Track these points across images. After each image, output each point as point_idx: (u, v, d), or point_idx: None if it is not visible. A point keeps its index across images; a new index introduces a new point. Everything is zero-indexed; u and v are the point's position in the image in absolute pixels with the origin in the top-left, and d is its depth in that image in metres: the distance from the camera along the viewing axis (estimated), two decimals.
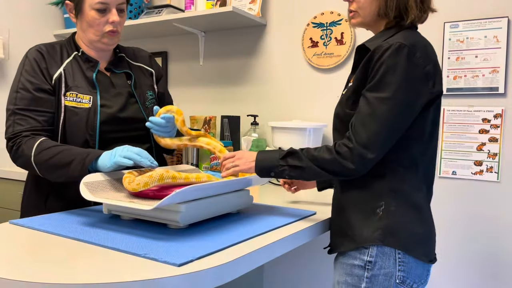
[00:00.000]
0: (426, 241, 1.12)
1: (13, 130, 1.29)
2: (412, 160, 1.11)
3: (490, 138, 1.88)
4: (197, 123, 2.55)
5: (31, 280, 0.74)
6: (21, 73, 1.35)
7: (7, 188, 2.55)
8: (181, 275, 0.79)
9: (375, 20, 1.16)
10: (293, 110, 2.42)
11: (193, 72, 2.81)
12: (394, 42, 1.04)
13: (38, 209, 1.38)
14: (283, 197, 1.66)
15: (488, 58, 1.88)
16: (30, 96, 1.32)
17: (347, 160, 1.06)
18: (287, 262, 1.73)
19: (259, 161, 1.17)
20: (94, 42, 1.41)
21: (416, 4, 1.11)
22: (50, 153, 1.25)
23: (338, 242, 1.19)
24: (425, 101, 1.07)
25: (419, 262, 1.09)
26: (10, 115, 1.32)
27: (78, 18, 1.40)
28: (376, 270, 1.07)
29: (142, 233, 1.03)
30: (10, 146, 1.30)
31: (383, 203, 1.09)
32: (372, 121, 1.04)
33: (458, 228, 1.96)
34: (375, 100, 1.04)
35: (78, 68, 1.39)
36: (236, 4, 2.45)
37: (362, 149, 1.04)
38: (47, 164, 1.25)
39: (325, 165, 1.09)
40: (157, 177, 1.09)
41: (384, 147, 1.06)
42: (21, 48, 2.81)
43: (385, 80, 1.03)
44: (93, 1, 1.34)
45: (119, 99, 1.42)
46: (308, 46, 2.34)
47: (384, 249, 1.07)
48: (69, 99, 1.35)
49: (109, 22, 1.37)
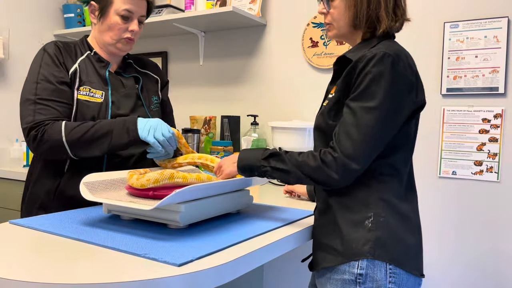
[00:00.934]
0: (417, 253, 1.09)
1: (33, 119, 1.30)
2: (396, 169, 1.09)
3: (490, 138, 1.88)
4: (197, 123, 2.55)
5: (31, 280, 0.74)
6: (40, 65, 1.37)
7: (7, 188, 2.55)
8: (181, 275, 0.79)
9: (350, 31, 1.15)
10: (293, 110, 2.42)
11: (193, 72, 2.81)
12: (378, 52, 1.03)
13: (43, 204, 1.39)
14: (283, 197, 1.66)
15: (488, 58, 1.88)
16: (53, 87, 1.34)
17: (331, 170, 1.03)
18: (287, 262, 1.73)
19: (240, 160, 1.14)
20: (108, 46, 1.45)
21: (387, 14, 1.10)
22: (83, 129, 1.29)
23: (322, 257, 1.12)
24: (410, 111, 1.06)
25: (411, 276, 1.06)
26: (30, 104, 1.32)
27: (100, 20, 1.44)
28: (369, 283, 1.03)
29: (142, 233, 1.03)
30: (33, 135, 1.29)
31: (372, 213, 1.05)
32: (357, 131, 1.02)
33: (458, 228, 1.96)
34: (360, 109, 1.02)
35: (91, 66, 1.44)
36: (236, 4, 2.45)
37: (347, 160, 1.01)
38: (82, 139, 1.29)
39: (309, 172, 1.05)
40: (167, 175, 1.09)
41: (369, 157, 1.04)
42: (21, 48, 2.81)
43: (370, 89, 1.02)
44: (120, 7, 1.40)
45: (128, 99, 1.47)
46: (308, 46, 2.34)
47: (375, 261, 1.03)
48: (82, 93, 1.38)
49: (129, 30, 1.44)
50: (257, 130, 2.40)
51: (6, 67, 2.74)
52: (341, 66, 1.14)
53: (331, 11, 1.16)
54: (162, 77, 1.66)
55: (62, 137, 1.28)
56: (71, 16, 2.95)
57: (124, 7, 1.40)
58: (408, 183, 1.13)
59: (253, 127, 2.40)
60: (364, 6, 1.10)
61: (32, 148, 1.32)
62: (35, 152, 1.33)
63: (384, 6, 1.10)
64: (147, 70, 1.62)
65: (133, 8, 1.42)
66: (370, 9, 1.10)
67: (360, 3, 1.10)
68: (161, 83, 1.64)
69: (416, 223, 1.11)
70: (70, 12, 2.95)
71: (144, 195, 1.12)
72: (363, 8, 1.10)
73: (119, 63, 1.53)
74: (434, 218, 2.01)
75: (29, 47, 2.85)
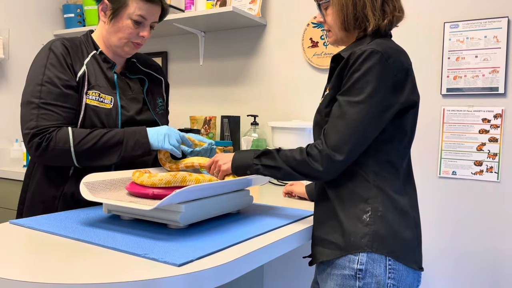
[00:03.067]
0: (415, 247, 1.10)
1: (37, 124, 1.25)
2: (393, 165, 1.11)
3: (490, 138, 1.88)
4: (197, 123, 2.55)
5: (31, 280, 0.74)
6: (45, 66, 1.31)
7: (7, 188, 2.55)
8: (181, 275, 0.79)
9: (345, 35, 1.18)
10: (293, 110, 2.42)
11: (193, 72, 2.81)
12: (367, 48, 1.05)
13: (46, 210, 1.35)
14: (283, 197, 1.66)
15: (488, 58, 1.88)
16: (58, 92, 1.29)
17: (317, 162, 1.06)
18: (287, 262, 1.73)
19: (234, 161, 1.20)
20: (114, 47, 1.42)
21: (374, 13, 1.12)
22: (92, 139, 1.26)
23: (320, 251, 1.14)
24: (398, 107, 1.07)
25: (410, 270, 1.07)
26: (33, 108, 1.27)
27: (111, 21, 1.39)
28: (368, 278, 1.05)
29: (142, 233, 1.03)
30: (37, 142, 1.24)
31: (370, 208, 1.07)
32: (342, 124, 1.05)
33: (458, 228, 1.96)
34: (346, 103, 1.06)
35: (98, 67, 1.39)
36: (236, 4, 2.45)
37: (331, 152, 1.05)
38: (91, 150, 1.26)
39: (295, 166, 1.09)
40: (180, 179, 1.11)
41: (354, 150, 1.06)
42: (21, 48, 2.81)
43: (357, 85, 1.05)
44: (134, 12, 1.36)
45: (135, 103, 1.45)
46: (308, 46, 2.34)
47: (374, 255, 1.05)
48: (91, 97, 1.34)
49: (139, 35, 1.40)
50: (257, 130, 2.40)
51: (6, 67, 2.74)
52: (336, 64, 1.17)
53: (326, 18, 1.20)
54: (165, 78, 1.65)
55: (70, 147, 1.25)
56: (71, 16, 2.95)
57: (138, 13, 1.36)
58: (406, 178, 1.15)
59: (253, 127, 2.40)
60: (350, 8, 1.13)
61: (34, 155, 1.27)
62: (37, 159, 1.28)
63: (370, 5, 1.12)
64: (151, 70, 1.59)
65: (148, 14, 1.38)
66: (357, 10, 1.13)
67: (346, 6, 1.13)
68: (164, 84, 1.63)
69: (414, 218, 1.13)
70: (70, 12, 2.95)
71: (144, 195, 1.12)
72: (349, 10, 1.13)
73: (124, 63, 1.51)
74: (434, 218, 2.01)
75: (29, 47, 2.85)
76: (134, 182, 1.17)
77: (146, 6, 1.37)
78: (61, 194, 1.35)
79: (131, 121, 1.41)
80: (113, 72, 1.42)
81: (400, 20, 1.17)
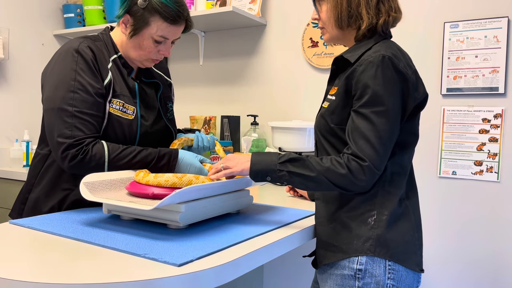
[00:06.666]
0: (416, 250, 1.10)
1: (72, 134, 1.22)
2: (403, 168, 1.11)
3: (490, 138, 1.88)
4: (197, 123, 2.55)
5: (31, 280, 0.74)
6: (75, 71, 1.25)
7: (7, 188, 2.55)
8: (181, 275, 0.79)
9: (340, 32, 1.17)
10: (293, 110, 2.42)
11: (193, 72, 2.81)
12: (377, 55, 1.04)
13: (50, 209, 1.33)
14: (283, 197, 1.66)
15: (488, 58, 1.88)
16: (92, 100, 1.25)
17: (359, 177, 1.02)
18: (287, 262, 1.73)
19: (254, 164, 1.09)
20: (132, 59, 1.38)
21: (368, 11, 1.11)
22: (126, 156, 1.26)
23: (323, 254, 1.14)
24: (412, 107, 1.08)
25: (409, 271, 1.08)
26: (67, 116, 1.22)
27: (131, 37, 1.33)
28: (368, 278, 1.05)
29: (142, 233, 1.03)
30: (73, 154, 1.21)
31: (375, 212, 1.07)
32: (375, 135, 1.03)
33: (458, 228, 1.96)
34: (373, 114, 1.03)
35: (119, 74, 1.36)
36: (236, 4, 2.45)
37: (373, 167, 1.02)
38: (123, 166, 1.26)
39: (336, 179, 1.03)
40: (186, 181, 1.12)
41: (386, 159, 1.06)
42: (21, 48, 2.81)
43: (378, 93, 1.03)
44: (156, 33, 1.31)
45: (151, 112, 1.43)
46: (308, 46, 2.34)
47: (374, 257, 1.05)
48: (114, 106, 1.31)
49: (160, 53, 1.36)
50: (257, 130, 2.40)
51: (6, 67, 2.74)
52: (339, 66, 1.15)
53: (321, 15, 1.19)
54: (171, 81, 1.63)
55: (105, 162, 1.23)
56: (71, 16, 2.95)
57: (161, 34, 1.31)
58: (409, 181, 1.15)
59: (253, 127, 2.40)
60: (344, 6, 1.12)
61: (68, 165, 1.22)
62: (69, 169, 1.23)
63: (364, 3, 1.11)
64: (162, 72, 1.56)
65: (170, 35, 1.33)
66: (351, 8, 1.12)
67: (340, 4, 1.12)
68: (172, 87, 1.62)
69: (417, 220, 1.14)
70: (70, 12, 2.95)
71: (144, 195, 1.12)
72: (344, 8, 1.12)
73: (138, 67, 1.46)
74: (434, 218, 2.01)
75: (29, 47, 2.85)
76: (136, 181, 1.17)
77: (169, 28, 1.32)
78: (68, 198, 1.32)
79: (147, 133, 1.40)
80: (130, 77, 1.39)
81: (397, 20, 1.16)
